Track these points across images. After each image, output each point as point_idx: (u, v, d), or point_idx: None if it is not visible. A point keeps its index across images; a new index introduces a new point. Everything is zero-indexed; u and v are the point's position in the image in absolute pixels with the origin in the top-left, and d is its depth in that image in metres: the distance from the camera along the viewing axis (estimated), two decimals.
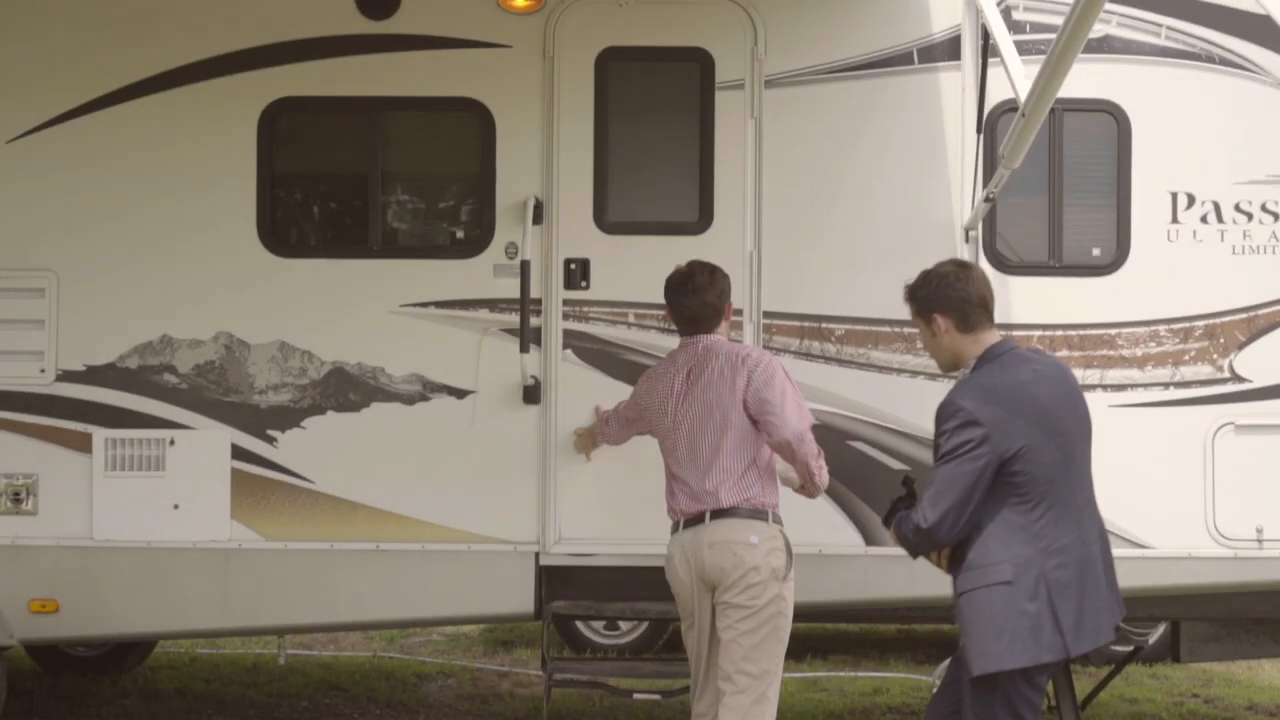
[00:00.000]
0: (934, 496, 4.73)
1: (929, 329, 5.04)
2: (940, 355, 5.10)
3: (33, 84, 6.77)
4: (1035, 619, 4.63)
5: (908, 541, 4.92)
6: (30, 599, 6.73)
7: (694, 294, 5.75)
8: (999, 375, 4.83)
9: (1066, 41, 4.96)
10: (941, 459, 4.76)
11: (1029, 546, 4.67)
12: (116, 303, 6.76)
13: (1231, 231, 6.64)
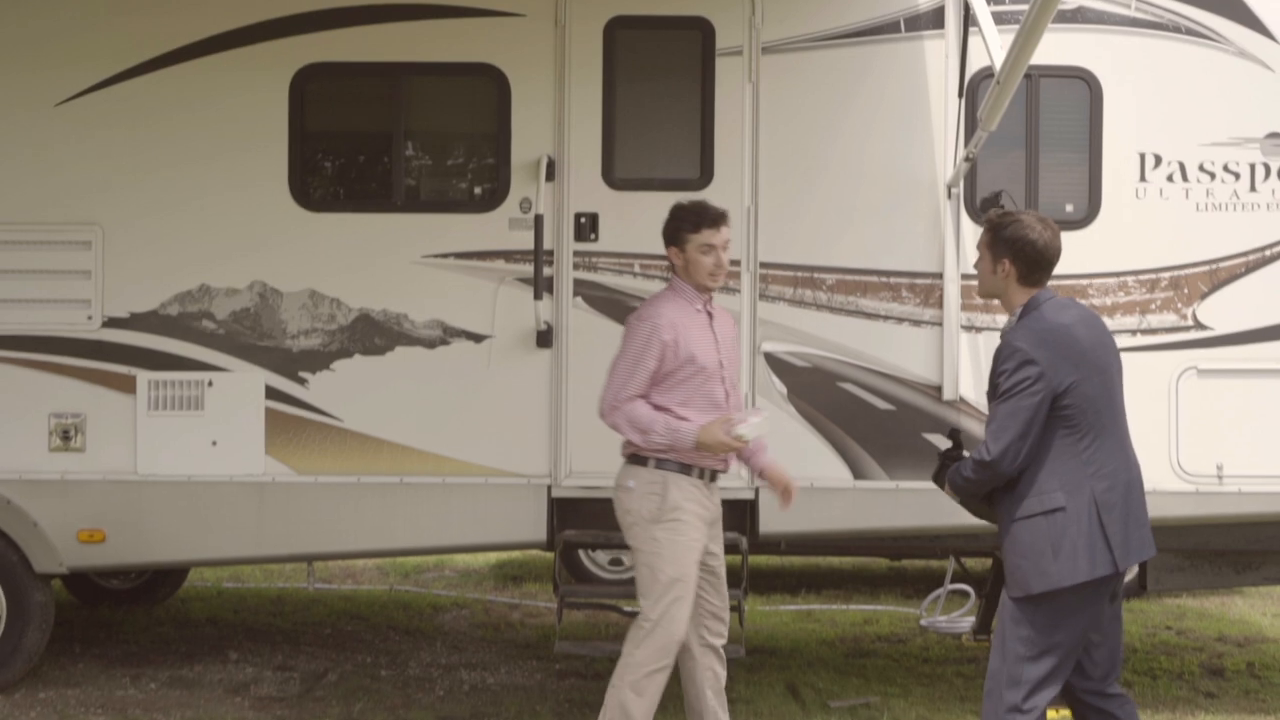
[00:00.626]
0: (996, 432, 5.08)
1: (993, 265, 5.29)
2: (989, 287, 5.39)
3: (79, 51, 7.22)
4: (1089, 539, 5.04)
5: (969, 482, 5.22)
6: (79, 529, 7.24)
7: None
8: (1047, 319, 5.17)
9: (1037, 14, 5.47)
10: (1000, 397, 5.11)
11: (1079, 473, 5.08)
12: (158, 254, 7.23)
13: (1195, 190, 7.12)
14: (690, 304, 5.88)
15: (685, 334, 5.76)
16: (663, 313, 5.82)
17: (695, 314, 5.87)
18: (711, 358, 5.84)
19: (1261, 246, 7.09)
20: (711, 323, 5.92)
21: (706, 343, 5.84)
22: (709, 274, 5.85)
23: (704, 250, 5.82)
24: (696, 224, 5.83)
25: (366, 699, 7.37)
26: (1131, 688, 7.86)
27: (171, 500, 7.21)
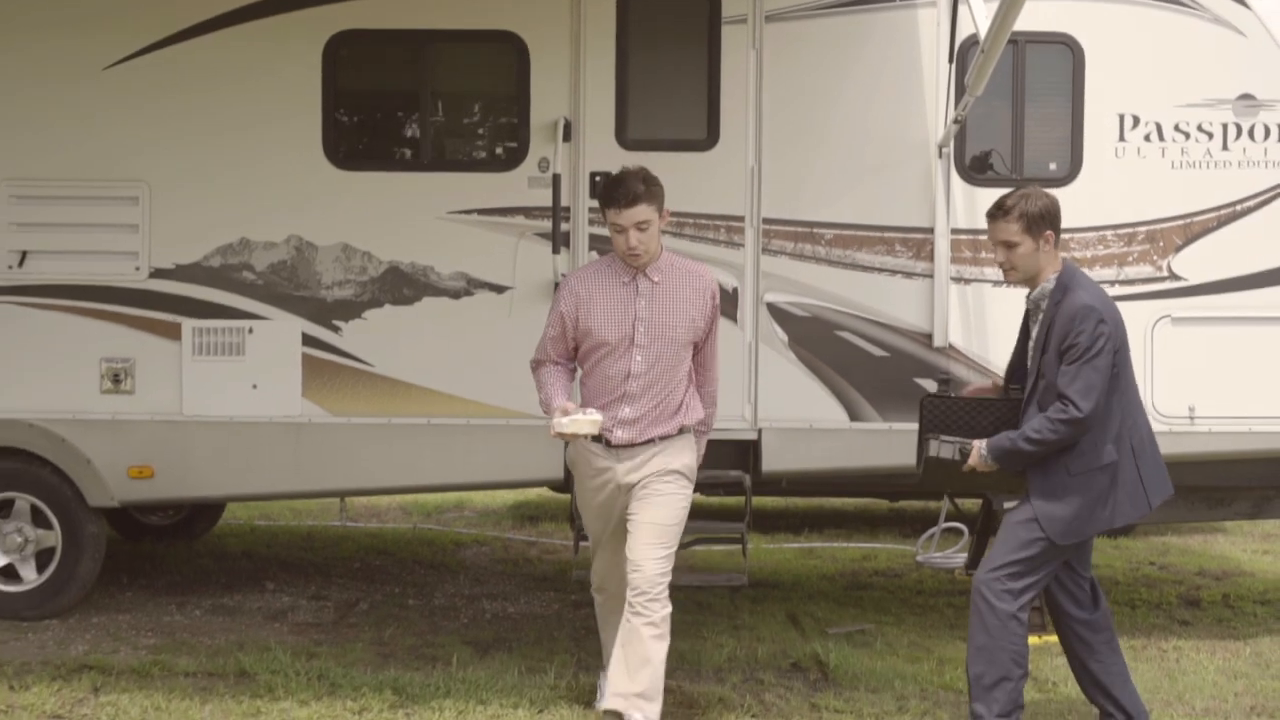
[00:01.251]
0: (1084, 390, 5.47)
1: (1036, 242, 5.70)
2: (1032, 265, 5.75)
3: (125, 17, 7.67)
4: (1131, 486, 5.70)
5: (1045, 443, 5.58)
6: (129, 466, 7.77)
7: None
8: (1095, 285, 5.76)
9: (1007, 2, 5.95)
10: (1084, 357, 5.51)
11: (1119, 425, 5.67)
12: (201, 209, 7.72)
13: (1171, 149, 7.58)
14: (617, 274, 5.83)
15: (590, 306, 5.79)
16: (571, 282, 5.91)
17: (618, 286, 5.80)
18: (618, 333, 5.77)
19: (1233, 202, 7.56)
20: (641, 295, 5.81)
21: (619, 317, 5.79)
22: (623, 253, 5.77)
23: (615, 229, 5.76)
24: (605, 201, 5.78)
25: (396, 625, 7.91)
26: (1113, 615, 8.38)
27: (215, 439, 7.73)
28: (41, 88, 7.71)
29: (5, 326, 7.72)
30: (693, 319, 5.84)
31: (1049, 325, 5.63)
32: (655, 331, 5.79)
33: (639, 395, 5.80)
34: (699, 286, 5.88)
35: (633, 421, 5.80)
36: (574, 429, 5.58)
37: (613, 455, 5.84)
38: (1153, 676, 7.04)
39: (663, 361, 5.80)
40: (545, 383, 5.94)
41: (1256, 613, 8.59)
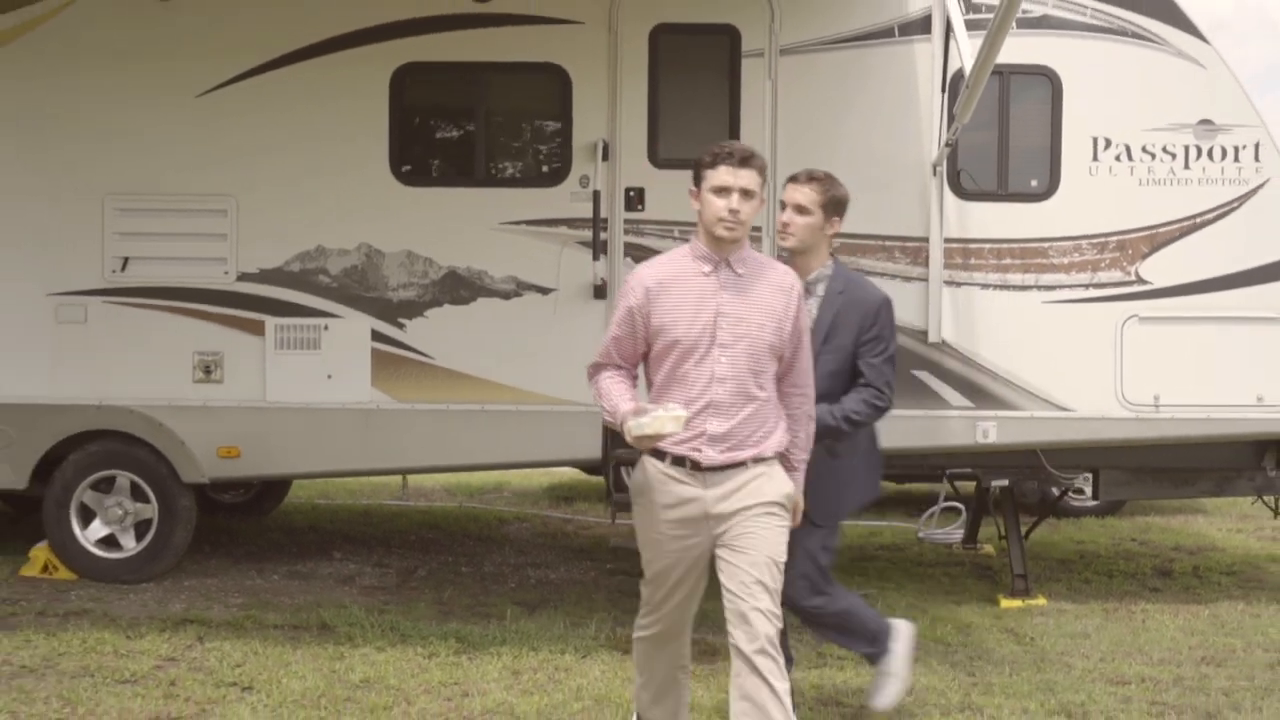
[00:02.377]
0: (891, 380, 5.93)
1: (828, 220, 5.95)
2: (810, 239, 5.96)
3: (217, 50, 8.69)
4: (869, 470, 6.26)
5: (857, 424, 5.89)
6: (218, 447, 8.79)
7: None
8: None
9: (996, 30, 6.93)
10: (886, 349, 5.92)
11: None
12: (281, 220, 8.74)
13: (1139, 167, 8.55)
14: (696, 264, 5.08)
15: (664, 298, 5.03)
16: (641, 272, 5.17)
17: (697, 276, 5.04)
18: (698, 329, 4.99)
19: (1193, 215, 8.52)
20: (724, 287, 5.05)
21: (698, 310, 5.01)
22: (718, 218, 4.99)
23: (717, 191, 5.02)
24: (712, 160, 5.06)
25: (452, 588, 8.93)
26: (1090, 584, 9.40)
27: (294, 423, 8.75)
28: (142, 112, 8.73)
29: (109, 324, 8.75)
30: (778, 318, 5.06)
31: (836, 313, 5.82)
32: (740, 329, 5.00)
33: (728, 405, 4.99)
34: (782, 283, 5.13)
35: (723, 437, 4.99)
36: (656, 428, 4.74)
37: (699, 480, 5.01)
38: (1119, 633, 8.03)
39: (752, 366, 5.02)
40: (606, 389, 5.12)
41: (1221, 582, 9.57)
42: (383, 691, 6.53)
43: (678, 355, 5.01)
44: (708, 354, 4.99)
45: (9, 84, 8.75)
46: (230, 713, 6.16)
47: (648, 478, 5.12)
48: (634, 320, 5.09)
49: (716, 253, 5.06)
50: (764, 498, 5.02)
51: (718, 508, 5.00)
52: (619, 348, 5.16)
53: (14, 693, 6.38)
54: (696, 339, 4.99)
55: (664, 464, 5.04)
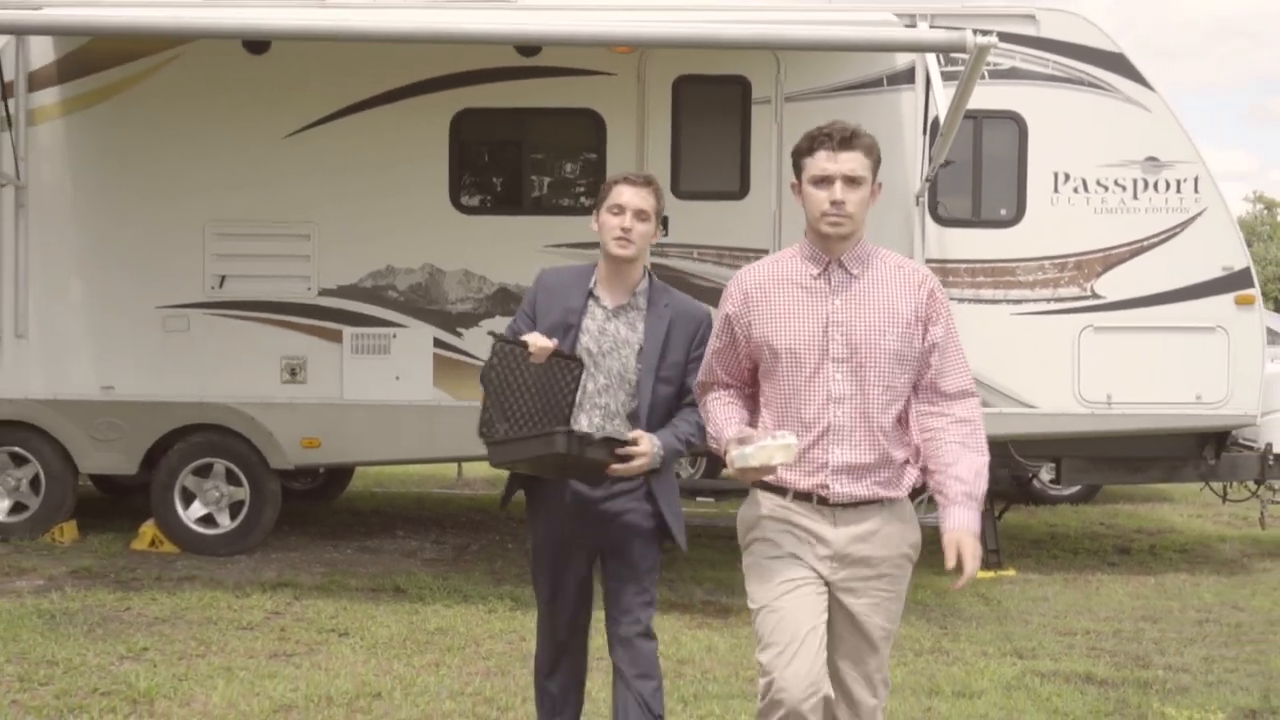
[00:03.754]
0: None
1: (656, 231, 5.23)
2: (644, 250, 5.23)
3: (301, 98, 10.12)
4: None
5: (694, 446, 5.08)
6: (302, 438, 10.22)
7: None
8: None
9: (963, 87, 8.33)
10: None
11: None
12: (356, 244, 10.16)
13: (1093, 198, 9.94)
14: (804, 265, 4.37)
15: (765, 306, 4.37)
16: (740, 277, 4.52)
17: (805, 279, 4.34)
18: (807, 341, 4.30)
19: (1141, 239, 9.91)
20: (836, 291, 4.32)
21: (806, 319, 4.32)
22: (821, 214, 4.29)
23: (816, 182, 4.32)
24: (807, 148, 4.37)
25: (502, 560, 10.35)
26: (1056, 559, 10.80)
27: (367, 417, 10.18)
28: (237, 152, 10.17)
29: (209, 332, 10.19)
30: (905, 324, 4.30)
31: (668, 328, 5.03)
32: (858, 338, 4.29)
33: (851, 430, 4.29)
34: (911, 281, 4.38)
35: (851, 469, 4.30)
36: (763, 459, 4.16)
37: (827, 518, 4.32)
38: (1073, 597, 9.42)
39: (877, 383, 4.31)
40: (714, 412, 4.54)
41: (1173, 558, 10.97)
42: (454, 637, 7.94)
43: (786, 372, 4.35)
44: (820, 370, 4.30)
45: (124, 127, 10.19)
46: (334, 652, 7.58)
47: (763, 514, 4.42)
48: (733, 330, 4.47)
49: (826, 252, 4.34)
50: (895, 549, 4.38)
51: (848, 549, 4.32)
52: (721, 362, 4.56)
53: (154, 636, 7.81)
54: (805, 353, 4.31)
55: (785, 499, 4.36)
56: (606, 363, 5.04)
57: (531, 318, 5.13)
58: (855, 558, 4.33)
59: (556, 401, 4.91)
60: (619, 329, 5.08)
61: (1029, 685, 7.19)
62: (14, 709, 6.42)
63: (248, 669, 7.15)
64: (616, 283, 5.17)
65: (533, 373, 4.88)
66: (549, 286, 5.25)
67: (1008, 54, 9.90)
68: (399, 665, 7.32)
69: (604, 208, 5.21)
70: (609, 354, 5.05)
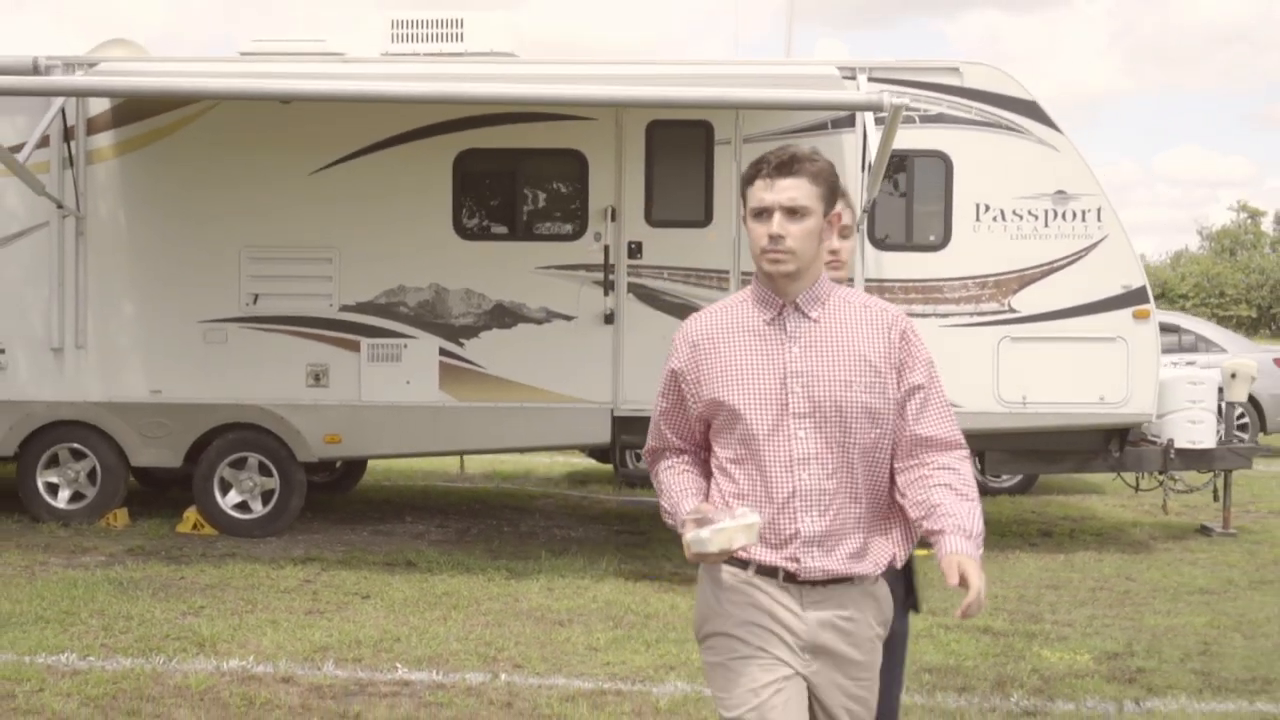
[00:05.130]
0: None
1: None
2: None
3: (324, 141, 11.64)
4: None
5: None
6: (325, 435, 11.76)
7: None
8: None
9: (885, 136, 9.88)
10: None
11: None
12: (372, 266, 11.69)
13: (1010, 226, 11.49)
14: (756, 311, 3.96)
15: (714, 358, 3.94)
16: (687, 326, 4.07)
17: (758, 325, 3.93)
18: (762, 396, 3.87)
19: (1051, 261, 11.46)
20: (793, 337, 3.90)
21: (760, 371, 3.89)
22: (760, 250, 3.89)
23: (756, 216, 3.92)
24: (752, 172, 3.96)
25: (498, 541, 11.88)
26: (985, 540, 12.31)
27: (382, 416, 11.71)
28: (268, 186, 11.72)
29: (243, 343, 11.72)
30: (876, 371, 3.87)
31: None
32: (821, 391, 3.86)
33: (821, 494, 3.85)
34: (880, 322, 3.94)
35: (822, 539, 3.86)
36: (722, 543, 3.70)
37: (795, 597, 3.89)
38: (990, 570, 10.86)
39: (846, 440, 3.87)
40: (667, 485, 4.07)
41: (1088, 540, 12.49)
42: (458, 598, 9.48)
43: (743, 432, 3.87)
44: (779, 427, 3.84)
45: (170, 165, 11.73)
46: (358, 609, 9.12)
47: (722, 596, 3.92)
48: (680, 388, 4.00)
49: (777, 294, 3.90)
50: (867, 632, 3.94)
51: (820, 638, 3.87)
52: (670, 424, 4.09)
53: (208, 597, 9.36)
54: (762, 409, 3.85)
55: (746, 573, 3.88)
56: None
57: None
58: (827, 649, 3.87)
59: None
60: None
61: (934, 634, 8.72)
62: (103, 650, 7.97)
63: (289, 621, 8.71)
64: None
65: None
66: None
67: (936, 102, 11.46)
68: (413, 618, 8.88)
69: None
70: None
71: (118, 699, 7.02)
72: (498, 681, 7.51)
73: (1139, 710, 7.33)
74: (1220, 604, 9.84)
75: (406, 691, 7.31)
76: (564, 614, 9.12)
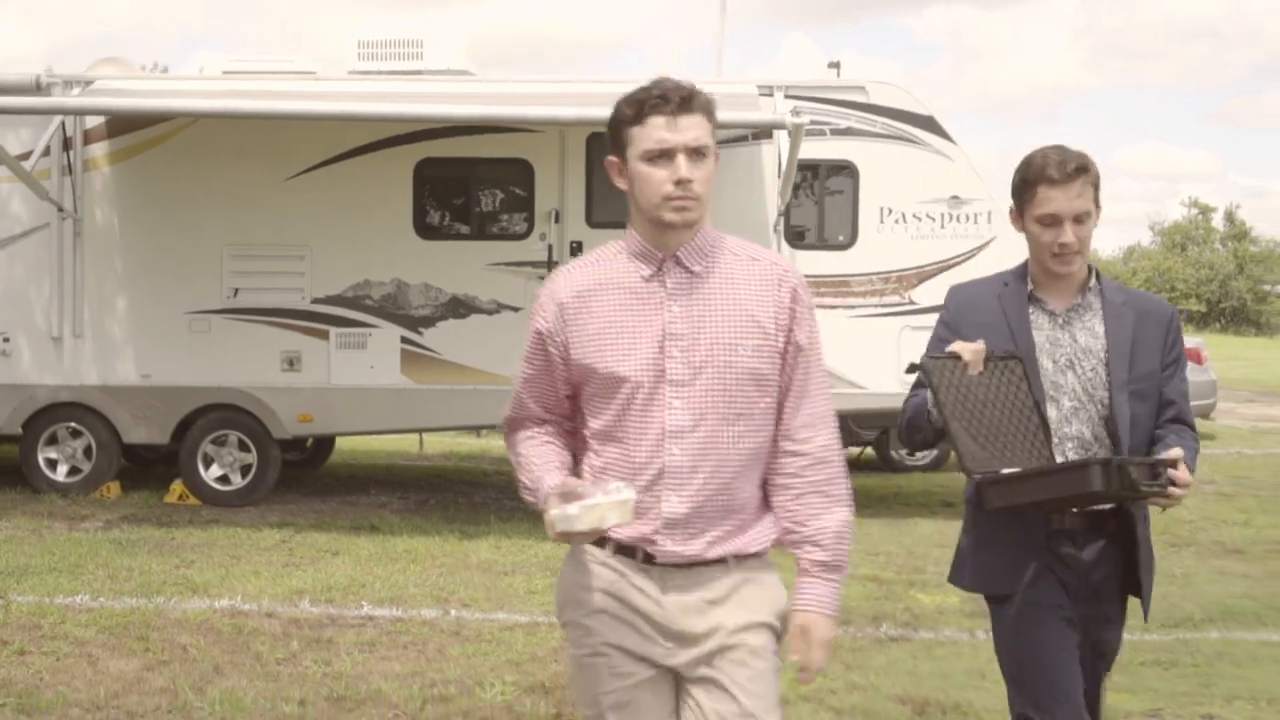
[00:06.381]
0: None
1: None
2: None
3: (298, 150, 12.96)
4: None
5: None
6: (298, 414, 13.08)
7: None
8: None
9: (792, 149, 11.26)
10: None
11: None
12: (341, 262, 13.01)
13: (910, 227, 12.90)
14: (633, 265, 3.57)
15: (586, 321, 3.55)
16: (557, 283, 3.66)
17: (633, 283, 3.54)
18: (636, 361, 3.49)
19: (947, 259, 12.86)
20: (673, 295, 3.52)
21: (635, 333, 3.51)
22: (664, 197, 3.50)
23: (652, 159, 3.51)
24: (639, 110, 3.51)
25: (454, 509, 13.23)
26: (891, 510, 13.74)
27: (349, 398, 13.04)
28: (247, 191, 13.03)
29: (225, 332, 13.04)
30: (765, 332, 3.52)
31: (1133, 326, 4.27)
32: (702, 355, 3.49)
33: (692, 472, 3.49)
34: (769, 277, 3.59)
35: (685, 521, 3.51)
36: (592, 520, 3.31)
37: (656, 580, 3.55)
38: (891, 533, 12.35)
39: (725, 410, 3.50)
40: (527, 456, 3.72)
41: None
42: (416, 555, 10.84)
43: (613, 401, 3.51)
44: (654, 397, 3.48)
45: (161, 171, 13.04)
46: (330, 563, 10.48)
47: (579, 578, 3.62)
48: (546, 350, 3.63)
49: (659, 246, 3.54)
50: (750, 617, 3.54)
51: (681, 624, 3.53)
52: (533, 391, 3.73)
53: (197, 553, 10.69)
54: (636, 376, 3.48)
55: (604, 552, 3.57)
56: (1067, 381, 4.20)
57: (953, 339, 4.31)
58: (696, 635, 3.50)
59: (1019, 409, 4.14)
60: (1075, 336, 4.22)
61: None
62: (111, 592, 9.31)
63: (270, 571, 10.07)
64: (1060, 281, 4.25)
65: (978, 385, 4.11)
66: (967, 300, 4.43)
67: (845, 117, 12.87)
68: (377, 569, 10.25)
69: (1028, 216, 4.22)
70: (1068, 369, 4.20)
71: (129, 628, 8.36)
72: (448, 616, 8.88)
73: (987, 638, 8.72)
74: None
75: (371, 624, 8.66)
76: (509, 566, 10.48)
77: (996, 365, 4.17)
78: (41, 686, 7.16)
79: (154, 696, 7.04)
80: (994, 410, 4.18)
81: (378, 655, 7.95)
